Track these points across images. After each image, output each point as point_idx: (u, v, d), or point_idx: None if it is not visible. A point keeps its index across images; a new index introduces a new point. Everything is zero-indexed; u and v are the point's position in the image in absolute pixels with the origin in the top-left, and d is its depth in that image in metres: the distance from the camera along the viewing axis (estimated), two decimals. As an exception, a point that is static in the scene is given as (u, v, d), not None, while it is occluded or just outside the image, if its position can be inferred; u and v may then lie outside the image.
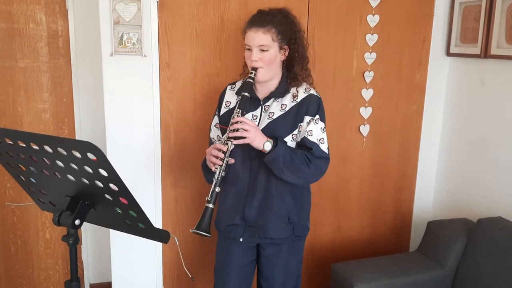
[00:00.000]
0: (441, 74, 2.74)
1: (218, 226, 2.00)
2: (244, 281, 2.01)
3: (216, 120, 1.99)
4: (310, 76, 1.94)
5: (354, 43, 2.50)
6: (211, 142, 2.00)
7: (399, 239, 2.86)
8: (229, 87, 2.00)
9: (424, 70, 2.67)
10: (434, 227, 2.45)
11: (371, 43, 2.52)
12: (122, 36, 2.16)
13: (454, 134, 2.72)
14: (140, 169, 2.32)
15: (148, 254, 2.42)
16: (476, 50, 2.47)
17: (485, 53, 2.42)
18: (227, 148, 1.74)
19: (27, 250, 2.86)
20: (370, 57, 2.53)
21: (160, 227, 2.35)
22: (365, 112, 2.59)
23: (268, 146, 1.74)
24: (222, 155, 1.74)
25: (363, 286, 2.16)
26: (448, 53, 2.68)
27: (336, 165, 2.62)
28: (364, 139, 2.63)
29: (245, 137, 1.72)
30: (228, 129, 1.78)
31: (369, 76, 2.55)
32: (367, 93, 2.57)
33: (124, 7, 2.13)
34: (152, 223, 1.32)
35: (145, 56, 2.21)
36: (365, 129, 2.61)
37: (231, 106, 1.92)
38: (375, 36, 2.51)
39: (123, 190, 1.22)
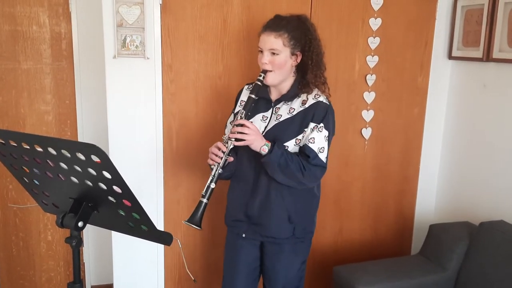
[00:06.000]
0: (443, 77, 2.74)
1: (226, 220, 2.07)
2: (251, 276, 2.05)
3: (231, 117, 2.04)
4: (325, 84, 1.94)
5: (356, 46, 2.51)
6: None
7: (401, 242, 2.86)
8: (246, 86, 2.05)
9: (426, 73, 2.67)
10: (436, 230, 2.45)
11: (373, 46, 2.52)
12: (125, 39, 2.17)
13: (456, 137, 2.72)
14: (142, 171, 2.33)
15: (149, 256, 2.42)
16: (478, 53, 2.48)
17: (487, 57, 2.42)
18: (227, 147, 1.79)
19: (29, 251, 2.86)
20: (372, 60, 2.53)
21: (162, 229, 2.35)
22: (367, 115, 2.59)
23: (265, 149, 1.78)
24: (221, 154, 1.79)
25: (365, 289, 2.16)
26: (450, 57, 2.69)
27: (338, 168, 2.62)
28: (366, 142, 2.63)
29: (244, 139, 1.77)
30: (230, 129, 1.83)
31: (371, 79, 2.55)
32: (369, 96, 2.57)
33: (127, 9, 2.14)
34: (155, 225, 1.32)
35: (148, 58, 2.22)
36: (367, 132, 2.62)
37: None
38: (377, 39, 2.52)
39: (127, 192, 1.22)
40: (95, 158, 1.14)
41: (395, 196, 2.78)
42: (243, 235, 1.98)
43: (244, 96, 1.99)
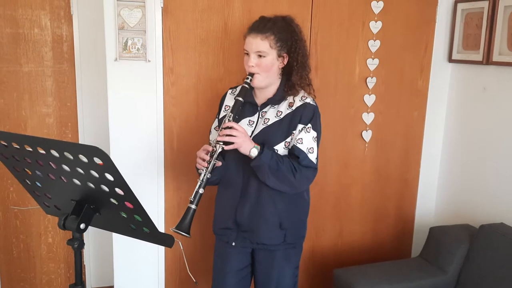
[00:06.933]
0: (443, 80, 2.75)
1: (214, 228, 2.02)
2: (240, 285, 2.01)
3: (216, 123, 2.01)
4: (310, 85, 1.92)
5: (357, 49, 2.52)
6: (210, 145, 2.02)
7: (401, 244, 2.86)
8: (229, 91, 2.02)
9: (426, 76, 2.68)
10: (436, 233, 2.45)
11: (373, 49, 2.53)
12: (126, 41, 2.17)
13: (456, 140, 2.73)
14: (143, 173, 2.33)
15: (150, 258, 2.42)
16: (478, 56, 2.49)
17: (487, 60, 2.43)
18: (214, 151, 1.75)
19: (30, 254, 2.87)
20: (372, 63, 2.54)
21: (163, 232, 2.35)
22: (367, 117, 2.60)
23: (254, 152, 1.75)
24: (208, 158, 1.75)
25: (365, 291, 2.17)
26: (450, 60, 2.70)
27: (337, 170, 2.62)
28: (366, 145, 2.64)
29: (233, 142, 1.74)
30: (218, 132, 1.80)
31: (371, 82, 2.56)
32: (369, 99, 2.58)
33: (128, 12, 2.15)
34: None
35: (149, 61, 2.23)
36: (367, 135, 2.62)
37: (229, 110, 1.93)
38: (378, 42, 2.53)
39: (129, 195, 1.22)
40: (97, 160, 1.14)
41: (395, 199, 2.79)
42: (233, 244, 1.94)
43: (228, 101, 1.96)
